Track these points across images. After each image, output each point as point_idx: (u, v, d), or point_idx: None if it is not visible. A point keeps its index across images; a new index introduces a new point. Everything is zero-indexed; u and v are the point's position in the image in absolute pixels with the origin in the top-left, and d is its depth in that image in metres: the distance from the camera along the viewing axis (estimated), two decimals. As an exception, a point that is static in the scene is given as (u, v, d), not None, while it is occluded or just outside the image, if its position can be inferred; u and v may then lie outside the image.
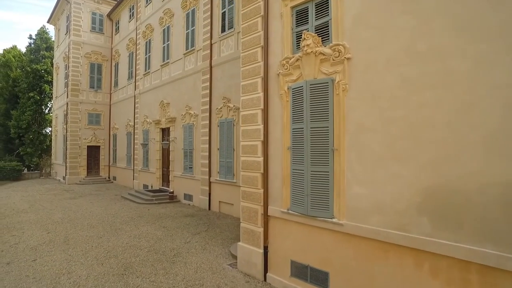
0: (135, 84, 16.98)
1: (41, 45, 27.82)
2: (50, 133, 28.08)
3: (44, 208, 11.57)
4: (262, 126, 5.47)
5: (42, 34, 28.57)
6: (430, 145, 3.57)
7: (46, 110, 28.66)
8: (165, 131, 14.18)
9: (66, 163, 19.27)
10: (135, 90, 16.92)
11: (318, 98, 4.61)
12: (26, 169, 25.86)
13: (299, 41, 5.04)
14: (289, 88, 5.08)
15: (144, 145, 14.45)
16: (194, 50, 12.08)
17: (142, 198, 12.72)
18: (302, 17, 5.02)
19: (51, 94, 27.01)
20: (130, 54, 17.89)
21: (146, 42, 15.86)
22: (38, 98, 26.10)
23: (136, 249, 6.85)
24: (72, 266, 5.90)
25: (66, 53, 19.98)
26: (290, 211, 4.99)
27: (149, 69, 15.53)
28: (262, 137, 5.46)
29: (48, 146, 27.26)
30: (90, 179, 19.39)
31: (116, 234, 8.00)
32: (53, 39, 29.31)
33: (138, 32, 16.77)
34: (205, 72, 11.33)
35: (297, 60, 4.96)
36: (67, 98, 19.35)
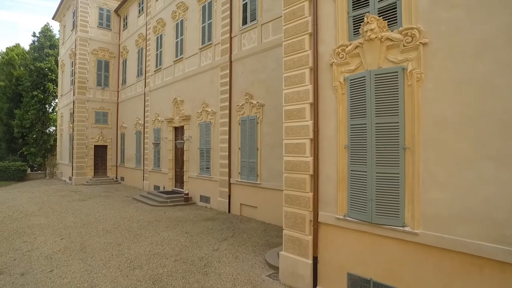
0: (145, 81, 16.39)
1: (45, 43, 27.26)
2: (54, 132, 27.51)
3: (53, 210, 10.99)
4: (312, 122, 4.90)
5: (46, 31, 28.02)
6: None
7: (50, 109, 28.11)
8: (178, 130, 13.60)
9: (72, 163, 18.68)
10: (145, 87, 16.34)
11: (385, 89, 4.03)
12: (30, 169, 25.27)
13: (357, 26, 4.47)
14: (345, 79, 4.50)
15: (156, 144, 13.87)
16: (211, 44, 11.50)
17: (155, 200, 12.14)
18: (360, -1, 4.45)
19: (55, 93, 26.45)
20: (139, 50, 17.30)
21: (157, 37, 15.27)
22: (42, 96, 25.57)
23: (161, 258, 6.27)
24: (94, 279, 5.32)
25: (73, 49, 19.38)
26: (348, 218, 4.42)
27: (160, 65, 14.94)
28: (311, 134, 4.89)
29: (52, 145, 26.70)
30: (97, 180, 18.79)
31: (135, 240, 7.41)
32: (57, 37, 28.76)
33: (148, 27, 16.18)
34: (224, 67, 10.75)
35: (356, 47, 4.38)
36: (74, 96, 18.75)
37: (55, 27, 49.97)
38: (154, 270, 5.66)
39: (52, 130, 27.93)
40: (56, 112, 27.93)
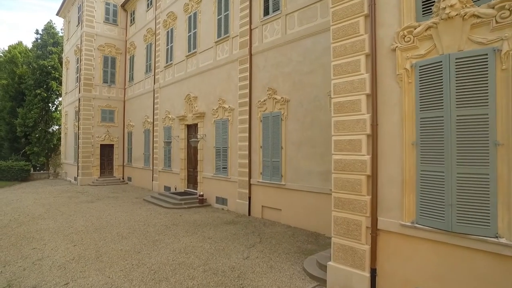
0: (155, 77, 15.76)
1: (48, 40, 26.64)
2: (57, 131, 26.92)
3: (62, 213, 10.37)
4: (369, 115, 4.28)
5: (49, 29, 27.39)
6: None
7: (53, 108, 27.49)
8: (191, 128, 12.98)
9: (78, 163, 18.07)
10: (154, 84, 15.71)
11: (470, 76, 3.42)
12: (32, 169, 24.65)
13: (427, 4, 3.86)
14: (413, 65, 3.89)
15: (167, 143, 13.27)
16: (228, 37, 10.88)
17: (168, 201, 11.52)
18: (433, -29, 3.84)
19: (58, 91, 25.85)
20: (148, 45, 16.67)
21: (168, 31, 14.65)
22: (45, 95, 24.95)
23: (187, 268, 5.65)
24: (117, 293, 4.72)
25: (78, 45, 18.76)
26: (418, 225, 3.81)
27: (171, 60, 14.32)
28: (368, 129, 4.27)
29: (55, 145, 26.10)
30: (103, 180, 18.18)
31: (155, 247, 6.79)
32: (60, 34, 28.16)
33: (157, 21, 15.56)
34: (243, 61, 10.13)
35: (427, 28, 3.77)
36: (79, 93, 18.13)
37: (58, 25, 49.68)
38: (183, 283, 5.05)
39: (55, 129, 27.32)
40: (59, 110, 27.35)
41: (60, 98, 27.15)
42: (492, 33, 3.33)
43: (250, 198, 9.77)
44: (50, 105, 26.65)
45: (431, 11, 3.78)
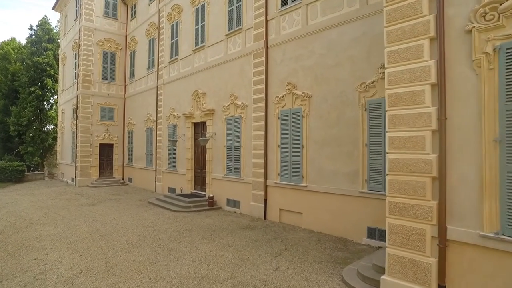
0: (158, 73, 15.03)
1: (43, 36, 25.62)
2: (52, 130, 25.96)
3: (62, 217, 9.63)
4: (435, 108, 3.69)
5: (43, 24, 26.37)
6: None
7: (48, 106, 26.51)
8: (198, 126, 12.30)
9: (76, 163, 17.23)
10: (158, 80, 14.99)
11: None
12: (27, 169, 23.69)
13: (511, -25, 3.28)
14: (497, 48, 3.31)
15: (173, 142, 12.56)
16: (241, 29, 10.24)
17: (176, 204, 10.84)
18: None
19: (54, 89, 24.91)
20: (150, 40, 15.93)
21: (172, 25, 13.94)
22: (40, 93, 24.00)
23: (213, 282, 5.00)
24: (139, 315, 4.05)
25: (76, 40, 17.93)
26: (505, 237, 3.22)
27: (176, 55, 13.61)
28: (434, 124, 3.69)
29: (50, 144, 25.13)
30: (103, 181, 17.37)
31: (172, 257, 6.12)
32: (55, 30, 27.18)
33: (161, 15, 14.83)
34: (258, 54, 9.50)
35: (515, 3, 3.19)
36: (78, 90, 17.31)
37: (53, 21, 48.30)
38: (212, 301, 4.41)
39: (50, 128, 26.35)
40: (55, 109, 26.39)
41: (55, 96, 26.20)
42: None
43: (266, 200, 9.14)
44: (45, 103, 25.67)
45: (519, -16, 3.20)
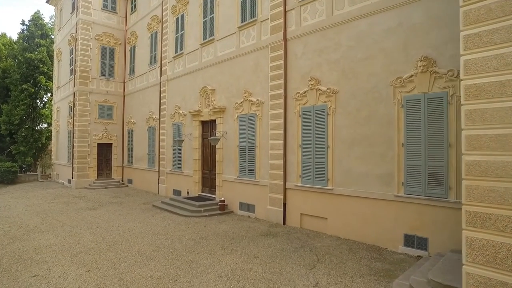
0: (161, 69, 14.24)
1: (35, 32, 24.53)
2: (46, 129, 24.91)
3: (62, 224, 8.83)
4: (534, 101, 3.08)
5: (36, 19, 25.27)
6: None
7: (42, 104, 25.43)
8: (207, 125, 11.58)
9: (72, 164, 16.34)
10: (161, 76, 14.20)
11: None
12: (19, 170, 22.63)
13: None
14: None
15: (179, 141, 11.81)
16: (255, 21, 9.55)
17: (185, 208, 10.11)
18: None
19: (48, 87, 23.85)
20: (152, 34, 15.12)
21: (177, 18, 13.17)
22: (33, 90, 23.00)
23: (247, 301, 4.33)
24: None
25: (73, 34, 17.00)
26: None
27: (181, 50, 12.86)
28: (532, 121, 3.07)
29: (44, 144, 24.10)
30: (101, 183, 16.51)
31: (194, 272, 5.41)
32: (49, 26, 26.11)
33: (164, 7, 14.04)
34: (275, 47, 8.83)
35: None
36: (75, 87, 16.40)
37: (46, 16, 46.78)
38: (252, 329, 3.73)
39: (43, 127, 25.29)
40: (48, 107, 25.34)
41: (49, 94, 25.15)
42: None
43: (285, 204, 8.49)
44: (38, 101, 24.64)
45: None
